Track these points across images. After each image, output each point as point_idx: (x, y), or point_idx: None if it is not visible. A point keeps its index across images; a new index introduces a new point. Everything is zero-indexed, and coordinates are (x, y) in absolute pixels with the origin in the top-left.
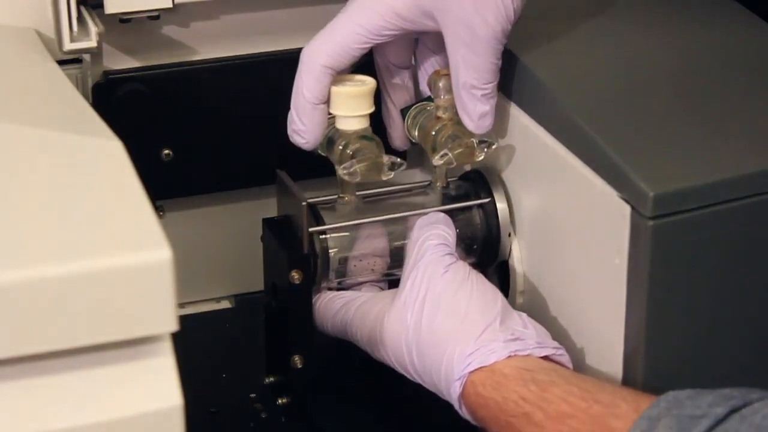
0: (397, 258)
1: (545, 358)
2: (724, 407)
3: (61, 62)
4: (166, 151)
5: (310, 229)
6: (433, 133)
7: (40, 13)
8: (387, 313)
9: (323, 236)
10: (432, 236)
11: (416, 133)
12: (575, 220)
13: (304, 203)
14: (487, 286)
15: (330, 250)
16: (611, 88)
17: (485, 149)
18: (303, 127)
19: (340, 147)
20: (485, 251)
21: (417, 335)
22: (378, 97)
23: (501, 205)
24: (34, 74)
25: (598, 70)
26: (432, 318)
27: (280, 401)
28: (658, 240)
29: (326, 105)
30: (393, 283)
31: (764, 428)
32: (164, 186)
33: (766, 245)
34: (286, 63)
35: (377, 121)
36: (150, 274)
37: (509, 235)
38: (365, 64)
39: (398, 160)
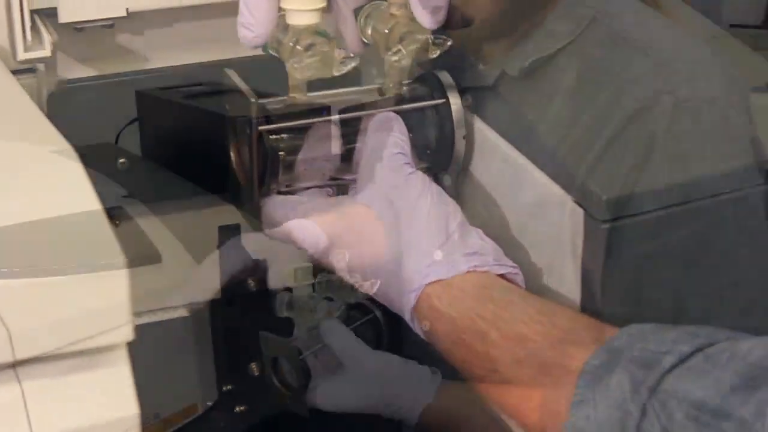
0: (347, 162)
1: (501, 276)
2: (689, 345)
3: (15, 72)
4: (122, 160)
5: (260, 128)
6: (387, 30)
7: None
8: (340, 223)
9: (273, 136)
10: (388, 144)
11: (369, 32)
12: (531, 223)
13: (253, 100)
14: (446, 198)
15: (279, 152)
16: None
17: (440, 46)
18: (252, 20)
19: (291, 42)
20: (440, 153)
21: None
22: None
23: (455, 107)
24: None
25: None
26: (390, 229)
27: (237, 409)
28: (611, 242)
29: None
30: (341, 188)
31: (729, 369)
32: (119, 195)
33: (717, 246)
34: (243, 71)
35: None
36: (104, 282)
37: (463, 137)
38: None
39: (351, 55)
